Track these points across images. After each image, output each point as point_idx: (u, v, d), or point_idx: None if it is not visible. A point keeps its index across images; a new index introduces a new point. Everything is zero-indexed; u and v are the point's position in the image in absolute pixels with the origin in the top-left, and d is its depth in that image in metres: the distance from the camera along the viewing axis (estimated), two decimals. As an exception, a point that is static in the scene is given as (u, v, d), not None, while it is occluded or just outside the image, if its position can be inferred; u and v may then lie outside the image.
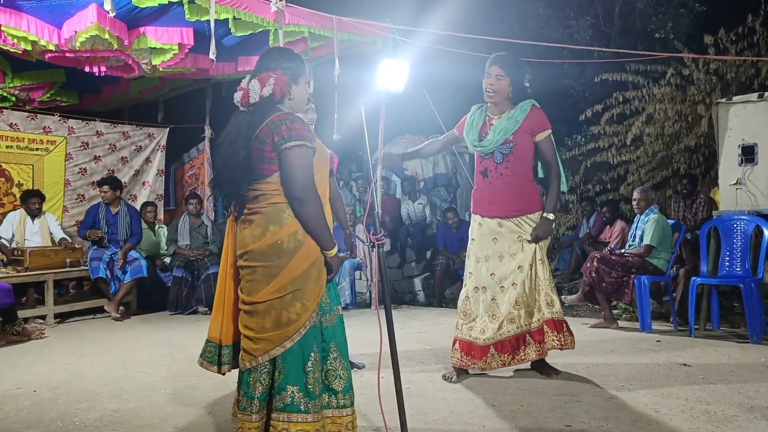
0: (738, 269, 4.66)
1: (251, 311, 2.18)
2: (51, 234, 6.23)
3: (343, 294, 6.35)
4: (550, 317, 3.33)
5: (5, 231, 6.00)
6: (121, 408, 3.11)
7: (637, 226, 5.17)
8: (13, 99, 6.69)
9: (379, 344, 2.45)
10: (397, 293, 7.39)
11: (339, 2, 6.79)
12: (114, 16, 4.43)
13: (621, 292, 4.94)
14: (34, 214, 6.12)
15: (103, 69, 5.44)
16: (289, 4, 4.95)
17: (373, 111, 2.80)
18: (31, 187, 6.54)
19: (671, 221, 5.21)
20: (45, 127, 6.82)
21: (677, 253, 5.12)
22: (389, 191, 8.52)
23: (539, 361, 3.51)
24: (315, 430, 2.16)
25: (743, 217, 4.65)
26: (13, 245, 5.93)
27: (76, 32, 4.65)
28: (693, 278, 4.73)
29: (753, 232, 4.62)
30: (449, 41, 5.97)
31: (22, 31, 4.67)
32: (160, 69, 5.56)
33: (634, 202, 5.23)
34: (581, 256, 6.61)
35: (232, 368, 2.37)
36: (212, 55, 4.57)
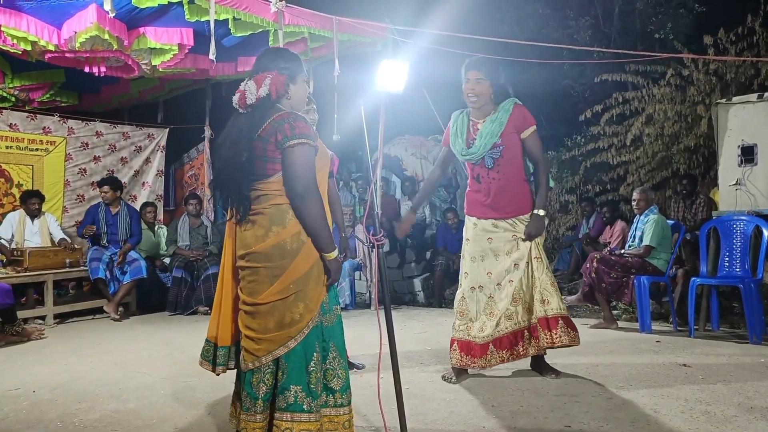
0: (737, 270, 4.66)
1: (253, 312, 2.17)
2: (50, 234, 6.24)
3: (343, 294, 6.35)
4: (543, 315, 3.34)
5: (5, 231, 6.00)
6: (120, 408, 3.11)
7: (636, 227, 5.17)
8: (13, 99, 6.69)
9: (378, 345, 2.45)
10: (396, 294, 7.39)
11: (339, 3, 6.79)
12: (114, 17, 4.44)
13: (621, 293, 4.94)
14: (34, 214, 6.12)
15: (102, 69, 5.44)
16: (288, 4, 4.95)
17: (373, 111, 2.80)
18: (30, 188, 6.54)
19: (671, 222, 5.21)
20: (45, 127, 6.82)
21: (677, 254, 5.12)
22: (389, 192, 8.51)
23: (539, 361, 3.52)
24: (317, 429, 2.16)
25: (743, 218, 4.66)
26: (13, 245, 5.94)
27: (75, 32, 4.65)
28: (693, 279, 4.73)
29: (752, 233, 4.62)
30: (449, 42, 5.97)
31: (22, 31, 4.67)
32: (160, 69, 5.56)
33: (633, 203, 5.23)
34: (581, 257, 6.61)
35: (227, 369, 2.35)
36: (212, 56, 4.57)
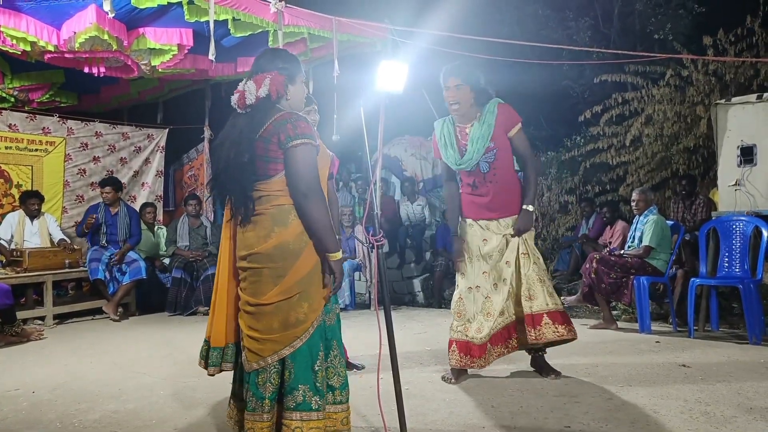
0: (737, 270, 4.66)
1: (256, 312, 2.17)
2: (50, 235, 6.23)
3: (342, 295, 6.35)
4: (529, 312, 3.35)
5: (4, 232, 6.00)
6: (120, 409, 3.11)
7: (636, 227, 5.17)
8: (13, 100, 6.69)
9: (378, 345, 2.45)
10: (396, 294, 7.39)
11: (339, 3, 6.79)
12: (113, 17, 4.43)
13: (620, 293, 4.94)
14: (33, 215, 6.12)
15: (102, 70, 5.44)
16: (288, 5, 4.96)
17: (373, 112, 2.80)
18: (30, 188, 6.54)
19: (670, 222, 5.21)
20: (44, 127, 6.82)
21: (676, 254, 5.12)
22: (387, 192, 8.52)
23: (539, 361, 3.53)
24: (324, 426, 2.18)
25: (742, 218, 4.66)
26: (12, 246, 5.93)
27: (75, 33, 4.65)
28: (692, 279, 4.73)
29: (752, 233, 4.62)
30: (448, 42, 5.96)
31: (22, 31, 4.67)
32: (160, 70, 5.56)
33: (633, 203, 5.23)
34: (580, 257, 6.61)
35: (221, 371, 2.34)
36: (212, 56, 4.57)
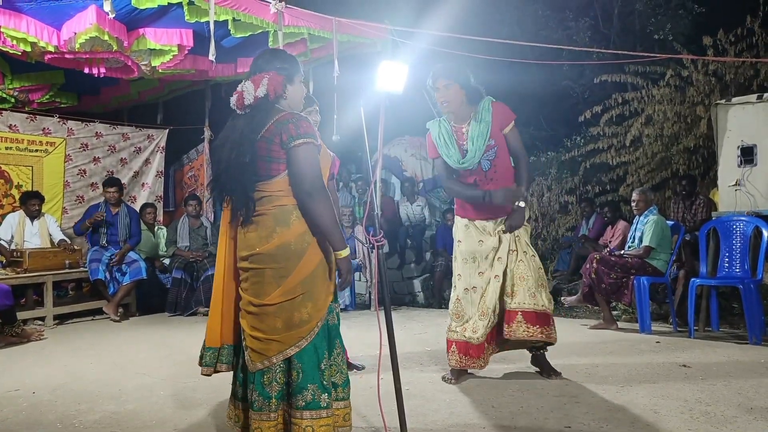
0: (737, 270, 4.66)
1: (260, 313, 2.17)
2: (50, 235, 6.23)
3: (343, 295, 6.35)
4: (508, 308, 3.36)
5: (4, 232, 5.99)
6: (120, 409, 3.11)
7: (636, 228, 5.17)
8: (13, 100, 6.69)
9: (378, 345, 2.45)
10: (396, 294, 7.39)
11: (339, 3, 6.79)
12: (113, 18, 4.43)
13: (620, 293, 4.94)
14: (34, 215, 6.12)
15: (102, 70, 5.44)
16: (288, 5, 4.95)
17: (373, 112, 2.79)
18: (30, 189, 6.54)
19: (670, 222, 5.21)
20: (44, 128, 6.82)
21: (677, 255, 5.12)
22: (387, 193, 8.52)
23: (539, 360, 3.54)
24: (333, 423, 2.19)
25: (742, 218, 4.66)
26: (13, 247, 5.93)
27: (75, 34, 4.65)
28: (692, 279, 4.73)
29: (752, 233, 4.62)
30: (449, 42, 5.96)
31: (22, 32, 4.66)
32: (160, 70, 5.56)
33: (633, 204, 5.23)
34: (581, 257, 6.61)
35: (216, 372, 2.34)
36: (212, 57, 4.57)
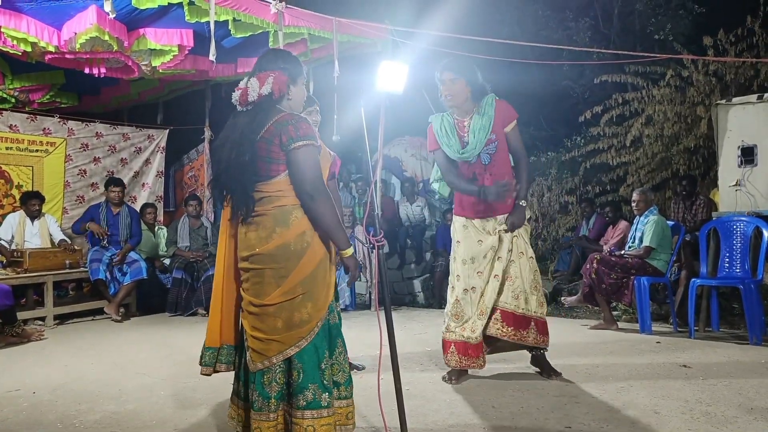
0: (737, 270, 4.66)
1: (260, 313, 2.17)
2: (50, 235, 6.23)
3: (343, 296, 6.35)
4: (495, 305, 3.37)
5: (5, 232, 5.99)
6: (120, 410, 3.11)
7: (636, 228, 5.17)
8: (13, 100, 6.69)
9: (378, 346, 2.45)
10: (396, 295, 7.39)
11: (339, 4, 6.79)
12: (114, 18, 4.43)
13: (620, 294, 4.94)
14: (34, 215, 6.12)
15: (102, 70, 5.44)
16: (288, 5, 4.96)
17: (373, 112, 2.80)
18: (30, 189, 6.54)
19: (671, 222, 5.21)
20: (45, 128, 6.82)
21: (677, 255, 5.12)
22: (387, 193, 8.52)
23: (539, 359, 3.53)
24: (335, 422, 2.19)
25: (743, 219, 4.66)
26: (13, 247, 5.93)
27: (75, 34, 4.65)
28: (693, 279, 4.73)
29: (752, 234, 4.62)
30: (449, 43, 5.96)
31: (22, 32, 4.67)
32: (160, 70, 5.56)
33: (633, 204, 5.23)
34: (581, 258, 6.61)
35: (215, 372, 2.35)
36: (212, 57, 4.57)
